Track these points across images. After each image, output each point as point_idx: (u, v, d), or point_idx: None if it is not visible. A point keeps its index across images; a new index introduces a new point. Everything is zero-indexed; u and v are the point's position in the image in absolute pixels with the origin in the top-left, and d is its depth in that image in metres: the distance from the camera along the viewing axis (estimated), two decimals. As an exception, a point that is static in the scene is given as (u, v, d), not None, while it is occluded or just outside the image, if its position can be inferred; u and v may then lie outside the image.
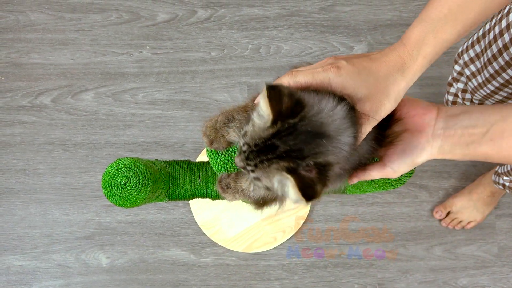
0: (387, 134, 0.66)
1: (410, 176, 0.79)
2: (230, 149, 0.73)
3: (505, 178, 1.20)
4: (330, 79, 0.57)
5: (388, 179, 0.79)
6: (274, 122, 0.54)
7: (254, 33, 1.65)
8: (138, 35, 1.66)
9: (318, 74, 0.58)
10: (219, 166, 0.74)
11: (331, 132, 0.55)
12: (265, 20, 1.65)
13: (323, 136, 0.55)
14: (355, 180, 0.69)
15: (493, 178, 1.34)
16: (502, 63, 0.87)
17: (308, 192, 0.53)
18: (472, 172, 1.57)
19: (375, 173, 0.67)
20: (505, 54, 0.85)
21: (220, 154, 0.74)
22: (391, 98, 0.58)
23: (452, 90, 1.15)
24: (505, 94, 0.95)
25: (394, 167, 0.65)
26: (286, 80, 0.59)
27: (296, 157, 0.54)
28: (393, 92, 0.58)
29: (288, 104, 0.54)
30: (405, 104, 0.65)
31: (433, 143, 0.63)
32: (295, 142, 0.54)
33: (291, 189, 0.54)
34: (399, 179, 0.80)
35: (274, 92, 0.54)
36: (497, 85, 0.93)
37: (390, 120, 0.65)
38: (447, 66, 1.59)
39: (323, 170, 0.55)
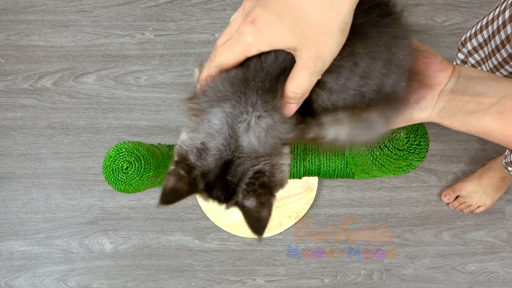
0: None
1: (421, 161, 0.76)
2: None
3: (509, 168, 1.17)
4: (252, 45, 0.45)
5: (399, 164, 0.76)
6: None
7: (259, 14, 1.61)
8: (141, 16, 1.62)
9: (237, 44, 0.46)
10: None
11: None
12: (270, 0, 1.61)
13: (229, 167, 0.56)
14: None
15: (503, 163, 1.31)
16: (505, 55, 0.84)
17: (258, 228, 0.58)
18: (482, 157, 1.54)
19: None
20: (508, 46, 0.81)
21: None
22: (333, 30, 0.44)
23: None
24: None
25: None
26: (207, 73, 0.50)
27: (231, 195, 0.59)
28: (332, 21, 0.43)
29: (183, 187, 0.57)
30: (422, 55, 0.58)
31: (436, 104, 0.57)
32: (220, 191, 0.60)
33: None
34: (410, 164, 0.77)
35: (168, 201, 0.57)
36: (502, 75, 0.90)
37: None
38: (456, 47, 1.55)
39: (259, 180, 0.57)
